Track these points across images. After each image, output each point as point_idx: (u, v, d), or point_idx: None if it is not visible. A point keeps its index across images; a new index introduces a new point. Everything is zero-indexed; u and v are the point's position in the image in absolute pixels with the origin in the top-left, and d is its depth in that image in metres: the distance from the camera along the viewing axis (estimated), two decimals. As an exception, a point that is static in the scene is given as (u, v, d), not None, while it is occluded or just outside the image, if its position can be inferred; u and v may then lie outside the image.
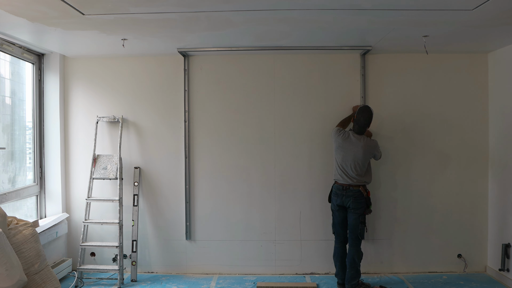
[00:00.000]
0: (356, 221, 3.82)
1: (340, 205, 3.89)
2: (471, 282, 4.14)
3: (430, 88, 4.38)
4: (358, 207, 3.82)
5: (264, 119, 4.41)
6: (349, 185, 3.85)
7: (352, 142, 3.87)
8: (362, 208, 3.84)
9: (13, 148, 4.04)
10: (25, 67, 4.23)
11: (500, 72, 4.19)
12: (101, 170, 4.27)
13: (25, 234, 2.99)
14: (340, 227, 3.97)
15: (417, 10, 2.94)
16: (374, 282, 4.12)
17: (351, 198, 3.82)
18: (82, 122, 4.47)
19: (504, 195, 4.11)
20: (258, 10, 2.92)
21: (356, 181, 3.84)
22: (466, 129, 4.39)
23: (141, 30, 3.43)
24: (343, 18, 3.15)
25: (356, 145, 3.84)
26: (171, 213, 4.46)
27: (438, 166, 4.40)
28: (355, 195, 3.82)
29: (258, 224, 4.44)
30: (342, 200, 3.86)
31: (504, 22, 3.22)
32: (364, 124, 3.88)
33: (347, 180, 3.85)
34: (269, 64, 4.39)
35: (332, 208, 4.00)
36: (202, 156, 4.44)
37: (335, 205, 3.93)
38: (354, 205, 3.82)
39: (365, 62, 4.34)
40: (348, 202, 3.83)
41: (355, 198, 3.82)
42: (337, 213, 3.95)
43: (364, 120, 3.87)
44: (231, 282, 4.20)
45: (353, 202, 3.82)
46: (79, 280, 4.17)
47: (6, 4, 2.72)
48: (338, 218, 3.96)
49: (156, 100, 4.44)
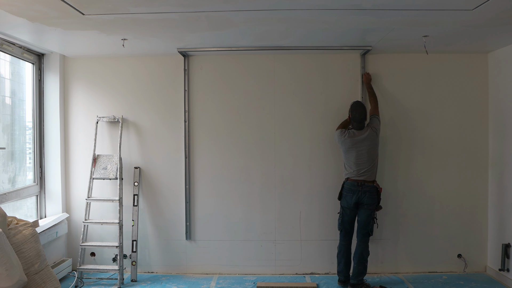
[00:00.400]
0: (368, 217, 3.88)
1: (355, 203, 3.90)
2: (471, 282, 4.14)
3: (430, 88, 4.38)
4: (372, 202, 3.88)
5: (264, 119, 4.41)
6: (364, 180, 3.88)
7: (360, 137, 3.92)
8: (375, 204, 3.90)
9: (13, 148, 4.04)
10: (25, 67, 4.23)
11: (500, 72, 4.19)
12: (101, 170, 4.27)
13: (25, 234, 2.99)
14: (349, 225, 4.00)
15: (417, 10, 2.94)
16: (374, 282, 4.12)
17: (367, 193, 3.86)
18: (82, 122, 4.47)
19: (504, 195, 4.11)
20: (258, 10, 2.92)
21: (370, 174, 3.89)
22: (466, 129, 4.39)
23: (141, 30, 3.43)
24: (343, 18, 3.15)
25: (364, 139, 3.90)
26: (171, 213, 4.46)
27: (438, 166, 4.40)
28: (370, 190, 3.87)
29: (258, 224, 4.44)
30: (358, 196, 3.87)
31: (504, 22, 3.22)
32: (360, 119, 3.95)
33: (362, 175, 3.88)
34: (269, 64, 4.39)
35: (344, 206, 3.97)
36: (202, 156, 4.44)
37: (349, 203, 3.92)
38: (369, 201, 3.86)
39: (365, 62, 4.34)
40: (363, 197, 3.86)
41: (371, 193, 3.87)
42: (348, 211, 3.95)
43: (359, 115, 3.94)
44: (231, 282, 4.20)
45: (368, 197, 3.86)
46: (79, 280, 4.17)
47: (6, 4, 2.72)
48: (349, 216, 3.97)
49: (156, 100, 4.44)
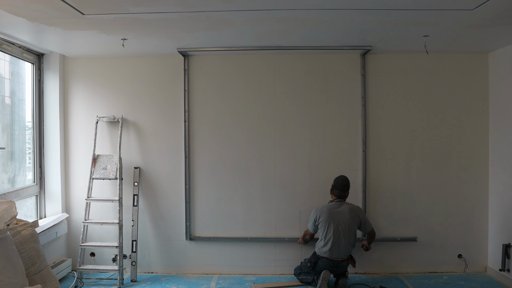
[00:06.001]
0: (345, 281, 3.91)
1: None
2: (472, 282, 4.14)
3: (430, 88, 4.37)
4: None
5: (264, 119, 4.40)
6: (342, 260, 3.84)
7: (337, 209, 3.87)
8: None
9: (12, 148, 4.03)
10: (24, 67, 4.23)
11: (500, 72, 4.19)
12: (101, 170, 4.27)
13: (25, 235, 2.98)
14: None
15: (417, 10, 2.94)
16: (374, 282, 4.12)
17: (340, 270, 3.90)
18: (82, 122, 4.47)
19: (504, 195, 4.11)
20: (258, 10, 2.92)
21: (347, 252, 3.85)
22: (466, 129, 4.39)
23: (141, 30, 3.43)
24: (343, 18, 3.15)
25: (342, 211, 3.86)
26: (171, 213, 4.46)
27: (438, 166, 4.39)
28: (344, 268, 3.91)
29: (258, 224, 4.43)
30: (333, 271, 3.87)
31: (504, 22, 3.22)
32: (342, 185, 3.93)
33: (339, 254, 3.82)
34: (269, 64, 4.39)
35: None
36: (202, 156, 4.44)
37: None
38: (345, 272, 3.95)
39: (365, 62, 4.33)
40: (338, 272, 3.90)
41: (343, 269, 3.92)
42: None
43: (342, 182, 3.94)
44: (231, 282, 4.20)
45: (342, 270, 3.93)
46: (79, 280, 4.17)
47: (5, 4, 2.71)
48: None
49: (156, 100, 4.44)
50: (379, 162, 4.35)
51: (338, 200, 3.93)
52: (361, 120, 4.34)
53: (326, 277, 3.76)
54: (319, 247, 3.90)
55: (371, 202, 4.38)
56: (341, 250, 3.81)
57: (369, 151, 4.37)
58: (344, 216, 3.83)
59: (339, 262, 3.83)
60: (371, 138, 4.37)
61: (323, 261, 3.86)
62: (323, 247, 3.86)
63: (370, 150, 4.37)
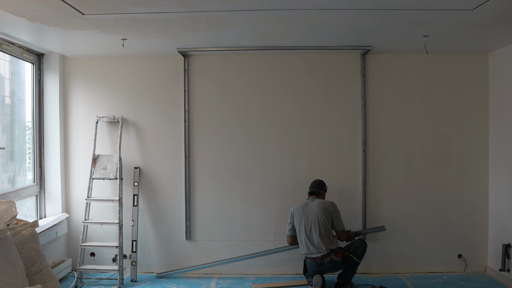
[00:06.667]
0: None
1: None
2: (472, 282, 4.14)
3: (430, 88, 4.37)
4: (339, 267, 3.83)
5: (264, 119, 4.40)
6: (322, 256, 3.74)
7: (309, 205, 3.87)
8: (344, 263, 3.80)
9: (12, 148, 4.03)
10: (24, 67, 4.23)
11: (500, 72, 4.18)
12: (101, 170, 4.27)
13: (25, 235, 2.98)
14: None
15: (417, 10, 2.94)
16: (374, 282, 4.12)
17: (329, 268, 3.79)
18: (82, 122, 4.47)
19: (504, 195, 4.11)
20: (258, 10, 2.92)
21: (324, 245, 3.72)
22: (466, 129, 4.39)
23: (141, 30, 3.43)
24: (343, 18, 3.15)
25: (312, 205, 3.85)
26: (171, 213, 4.46)
27: (438, 166, 4.39)
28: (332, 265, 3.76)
29: (258, 224, 4.44)
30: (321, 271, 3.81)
31: (504, 22, 3.22)
32: (315, 183, 3.98)
33: (315, 248, 3.75)
34: (269, 64, 4.39)
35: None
36: (202, 156, 4.44)
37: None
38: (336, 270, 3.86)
39: (365, 62, 4.33)
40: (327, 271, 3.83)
41: (333, 268, 3.80)
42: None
43: (315, 181, 4.00)
44: (231, 283, 4.20)
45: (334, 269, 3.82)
46: (79, 280, 4.17)
47: (5, 4, 2.71)
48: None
49: (156, 100, 4.44)
50: (379, 162, 4.35)
51: (311, 197, 3.95)
52: (361, 120, 4.35)
53: (317, 283, 3.74)
54: (300, 248, 3.91)
55: (371, 202, 4.38)
56: (316, 244, 3.75)
57: (369, 151, 4.37)
58: (314, 209, 3.81)
59: (320, 259, 3.75)
60: (371, 138, 4.37)
61: (308, 262, 3.87)
62: (301, 246, 3.88)
63: (370, 150, 4.37)
